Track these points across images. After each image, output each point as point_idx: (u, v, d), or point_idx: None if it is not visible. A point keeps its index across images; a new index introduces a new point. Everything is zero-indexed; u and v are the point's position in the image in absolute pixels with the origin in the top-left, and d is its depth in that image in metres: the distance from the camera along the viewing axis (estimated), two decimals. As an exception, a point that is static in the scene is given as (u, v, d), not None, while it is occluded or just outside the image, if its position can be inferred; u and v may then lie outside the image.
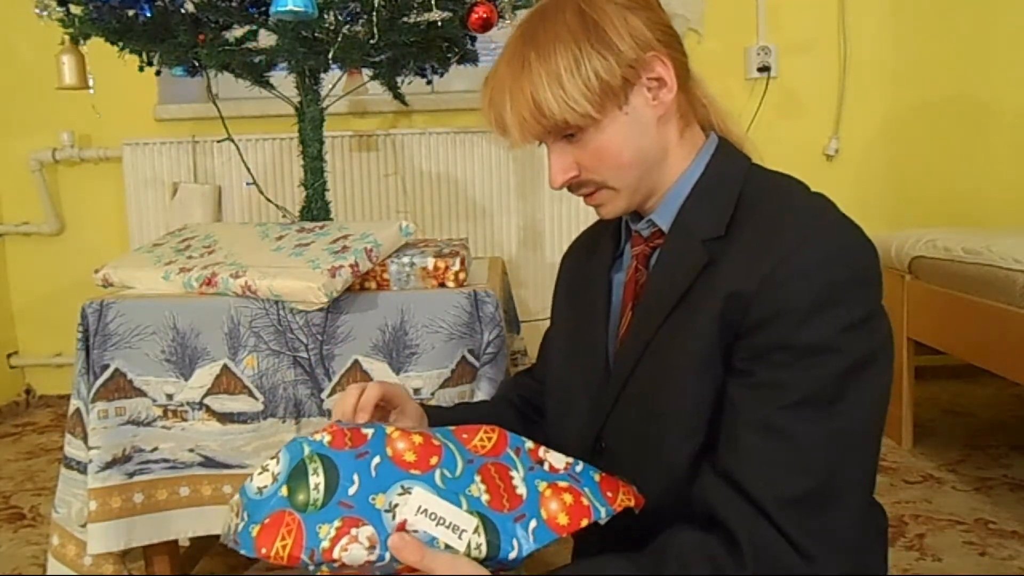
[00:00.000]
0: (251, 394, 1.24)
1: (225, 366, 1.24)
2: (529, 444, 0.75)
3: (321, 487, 0.65)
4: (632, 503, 0.74)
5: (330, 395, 1.24)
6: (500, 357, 1.23)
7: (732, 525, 0.67)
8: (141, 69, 1.53)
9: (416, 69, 1.62)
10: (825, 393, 0.68)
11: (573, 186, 0.83)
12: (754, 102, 2.74)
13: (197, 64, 1.50)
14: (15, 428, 2.69)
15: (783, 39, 2.75)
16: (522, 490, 0.70)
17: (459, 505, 0.66)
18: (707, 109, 0.87)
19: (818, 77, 2.77)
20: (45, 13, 1.41)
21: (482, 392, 1.21)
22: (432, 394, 1.23)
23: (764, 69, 2.72)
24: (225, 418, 1.25)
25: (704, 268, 0.75)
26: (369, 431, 0.70)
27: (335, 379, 1.24)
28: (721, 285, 0.72)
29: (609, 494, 0.73)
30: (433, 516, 0.65)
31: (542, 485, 0.71)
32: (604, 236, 0.93)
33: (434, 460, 0.69)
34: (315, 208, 1.55)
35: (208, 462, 1.26)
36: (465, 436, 0.74)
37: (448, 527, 0.65)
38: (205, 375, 1.25)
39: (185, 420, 1.25)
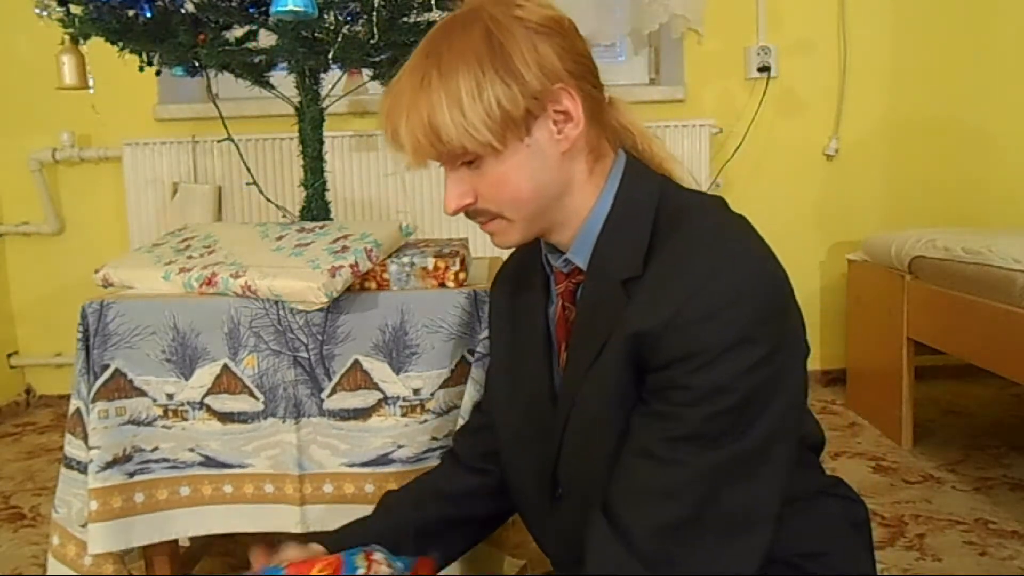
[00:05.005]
0: (251, 394, 1.24)
1: (225, 366, 1.24)
2: None
3: None
4: None
5: (330, 395, 1.24)
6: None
7: (587, 555, 0.70)
8: (141, 69, 1.53)
9: (416, 69, 1.62)
10: (711, 430, 0.67)
11: (469, 212, 0.81)
12: (754, 102, 2.74)
13: (197, 64, 1.49)
14: (15, 428, 2.69)
15: (783, 39, 2.75)
16: None
17: None
18: (632, 134, 0.84)
19: (818, 77, 2.77)
20: (45, 13, 1.41)
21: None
22: (432, 394, 1.23)
23: (764, 69, 2.73)
24: (225, 418, 1.25)
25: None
26: None
27: (335, 379, 1.24)
28: (628, 324, 0.71)
29: None
30: None
31: None
32: (532, 268, 0.90)
33: None
34: (315, 208, 1.55)
35: (209, 462, 1.26)
36: None
37: None
38: (205, 375, 1.25)
39: (185, 420, 1.25)
